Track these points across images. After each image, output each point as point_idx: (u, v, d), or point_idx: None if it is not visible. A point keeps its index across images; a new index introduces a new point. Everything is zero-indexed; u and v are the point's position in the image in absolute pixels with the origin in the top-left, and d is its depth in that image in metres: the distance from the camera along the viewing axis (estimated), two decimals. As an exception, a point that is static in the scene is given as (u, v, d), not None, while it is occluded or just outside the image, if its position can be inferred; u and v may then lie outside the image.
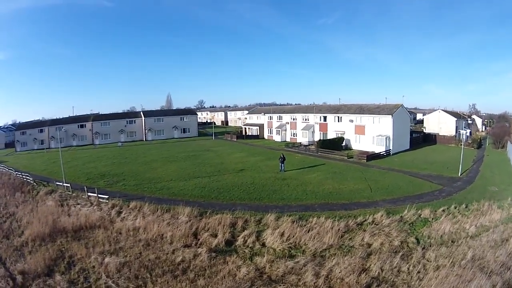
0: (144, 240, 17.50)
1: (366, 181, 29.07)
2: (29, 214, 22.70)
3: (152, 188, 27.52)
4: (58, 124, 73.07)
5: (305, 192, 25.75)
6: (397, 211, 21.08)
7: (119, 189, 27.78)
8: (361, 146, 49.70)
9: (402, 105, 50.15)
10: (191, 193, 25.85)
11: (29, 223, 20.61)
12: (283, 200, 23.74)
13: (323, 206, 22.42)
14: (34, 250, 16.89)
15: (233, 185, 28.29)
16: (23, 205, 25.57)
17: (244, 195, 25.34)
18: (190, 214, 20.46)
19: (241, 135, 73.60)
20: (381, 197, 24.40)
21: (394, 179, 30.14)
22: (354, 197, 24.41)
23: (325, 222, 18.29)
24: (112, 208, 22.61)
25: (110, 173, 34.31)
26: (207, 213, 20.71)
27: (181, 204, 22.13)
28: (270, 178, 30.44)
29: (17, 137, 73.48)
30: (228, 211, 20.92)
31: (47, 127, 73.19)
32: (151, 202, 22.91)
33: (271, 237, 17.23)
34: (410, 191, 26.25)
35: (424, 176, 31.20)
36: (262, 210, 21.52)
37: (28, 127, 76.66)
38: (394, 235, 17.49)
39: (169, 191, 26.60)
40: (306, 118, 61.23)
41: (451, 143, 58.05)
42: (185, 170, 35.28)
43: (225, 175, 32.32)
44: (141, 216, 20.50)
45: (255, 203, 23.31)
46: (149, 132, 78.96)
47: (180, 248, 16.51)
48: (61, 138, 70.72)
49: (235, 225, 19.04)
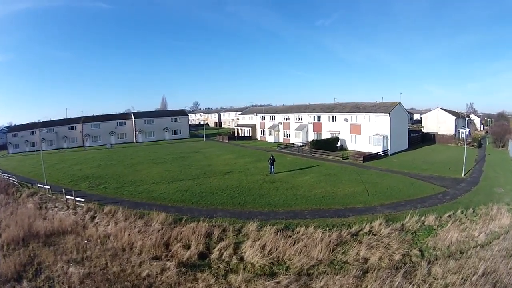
0: (112, 249, 15.88)
1: (362, 184, 26.67)
2: (8, 217, 21.63)
3: (132, 191, 25.97)
4: (49, 126, 73.18)
5: (294, 196, 23.25)
6: (397, 218, 18.72)
7: (99, 192, 26.46)
8: (357, 146, 47.40)
9: (399, 103, 47.93)
10: (171, 197, 24.03)
11: (7, 226, 19.53)
12: (270, 206, 21.25)
13: (313, 212, 19.92)
14: (8, 254, 15.85)
15: (217, 188, 25.94)
16: (5, 207, 24.43)
17: (227, 199, 22.88)
18: (164, 221, 18.50)
19: (233, 136, 71.59)
20: (379, 202, 21.95)
21: (393, 181, 27.85)
22: (349, 202, 21.94)
23: (314, 233, 15.73)
24: (87, 212, 21.25)
25: (93, 176, 32.95)
26: (183, 220, 18.55)
27: (158, 209, 20.42)
28: (258, 181, 28.00)
29: (9, 139, 72.58)
30: (207, 218, 18.83)
31: (38, 129, 71.67)
32: (128, 206, 21.34)
33: (251, 250, 14.68)
34: (411, 194, 23.99)
35: (426, 178, 29.26)
36: (244, 217, 19.12)
37: (20, 129, 75.57)
38: (394, 247, 15.04)
39: (148, 194, 24.94)
40: (299, 118, 58.93)
41: (451, 142, 56.56)
42: (169, 172, 33.64)
43: (210, 178, 30.00)
44: (114, 222, 18.90)
45: (238, 209, 20.86)
46: (139, 134, 77.25)
47: (148, 261, 14.59)
48: (52, 140, 72.12)
49: (211, 235, 16.58)
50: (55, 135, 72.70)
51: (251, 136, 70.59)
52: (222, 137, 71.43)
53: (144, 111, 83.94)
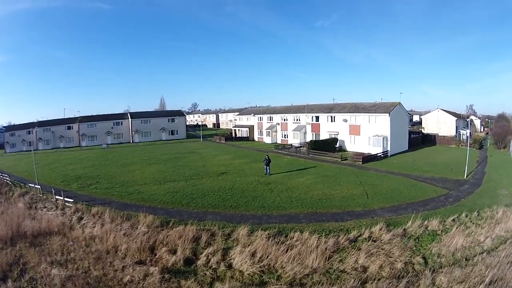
0: (96, 252, 15.12)
1: (361, 186, 25.53)
2: None
3: (123, 192, 25.12)
4: (45, 126, 72.37)
5: (290, 199, 22.09)
6: (399, 222, 17.59)
7: (89, 192, 25.71)
8: (356, 147, 46.32)
9: (399, 103, 46.89)
10: (161, 198, 23.04)
11: (-3, 225, 19.03)
12: (263, 209, 20.06)
13: (309, 216, 18.72)
14: (-4, 254, 15.30)
15: (209, 190, 24.81)
16: (-2, 206, 23.87)
17: (219, 202, 21.73)
18: (151, 224, 17.52)
19: (230, 137, 70.64)
20: (379, 205, 20.80)
21: (394, 183, 26.73)
22: (348, 205, 20.77)
23: (309, 239, 14.53)
24: (75, 213, 20.55)
25: (86, 176, 32.21)
26: (170, 224, 17.52)
27: (146, 211, 19.53)
28: (253, 183, 26.85)
29: (6, 138, 72.03)
30: (196, 221, 17.84)
31: (35, 128, 71.39)
32: (117, 207, 20.70)
33: (240, 256, 13.49)
34: (413, 196, 22.88)
35: (427, 179, 28.23)
36: (236, 220, 18.01)
37: (17, 128, 75.15)
38: (396, 255, 13.87)
39: (139, 195, 23.99)
40: (297, 119, 57.89)
41: (452, 143, 56.09)
42: (162, 173, 32.66)
43: (203, 179, 28.89)
44: (100, 224, 18.11)
45: (229, 212, 19.70)
46: (136, 134, 76.56)
47: (132, 265, 13.66)
48: (49, 140, 71.80)
49: (199, 240, 15.41)
50: (52, 135, 72.18)
51: (248, 137, 69.63)
52: (219, 138, 70.45)
53: (141, 111, 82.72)
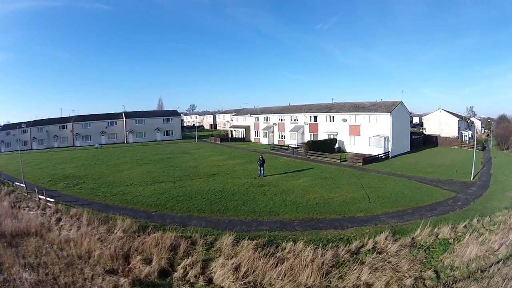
0: (69, 256, 13.83)
1: (363, 189, 23.56)
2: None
3: (107, 193, 23.76)
4: (40, 125, 71.36)
5: (284, 203, 20.04)
6: (405, 230, 15.69)
7: (74, 192, 24.54)
8: (356, 148, 44.36)
9: (401, 102, 45.06)
10: (145, 200, 21.33)
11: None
12: (253, 214, 18.02)
13: (305, 223, 16.68)
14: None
15: (197, 192, 22.87)
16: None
17: (206, 205, 19.73)
18: (129, 228, 15.85)
19: (226, 138, 68.67)
20: (383, 210, 18.82)
21: (398, 186, 24.82)
22: (348, 209, 18.76)
23: (303, 251, 12.48)
24: (54, 214, 19.56)
25: (74, 175, 31.07)
26: (149, 228, 15.67)
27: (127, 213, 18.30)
28: (245, 185, 24.84)
29: (1, 137, 70.75)
30: (178, 226, 16.14)
31: (29, 127, 69.65)
32: (98, 209, 19.68)
33: (222, 270, 11.47)
34: (419, 200, 20.98)
35: (432, 182, 26.46)
36: (222, 227, 16.05)
37: (12, 127, 73.16)
38: (404, 269, 11.91)
39: (122, 197, 22.41)
40: (295, 119, 55.99)
41: (454, 145, 54.76)
42: (151, 173, 30.89)
43: (193, 180, 26.96)
44: (77, 227, 16.78)
45: (216, 217, 17.70)
46: (130, 134, 74.73)
47: (102, 274, 12.01)
48: (43, 139, 70.85)
49: (177, 249, 13.47)
50: (46, 134, 70.92)
51: (244, 138, 67.74)
52: (214, 139, 68.51)
53: (136, 111, 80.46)
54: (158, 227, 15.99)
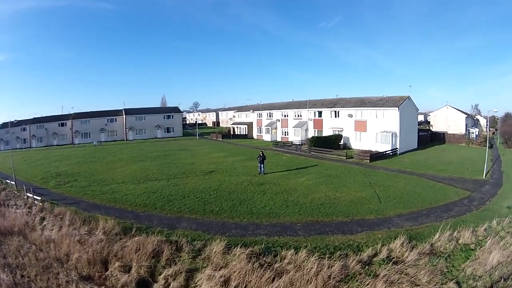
0: (48, 259, 12.84)
1: (371, 187, 21.68)
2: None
3: (97, 191, 22.50)
4: (39, 123, 70.16)
5: (285, 203, 18.19)
6: (422, 235, 13.89)
7: (63, 190, 23.37)
8: (362, 144, 42.34)
9: (409, 97, 42.93)
10: (134, 200, 19.82)
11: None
12: (251, 216, 16.19)
13: (308, 226, 14.82)
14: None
15: (191, 191, 21.18)
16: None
17: (199, 205, 17.98)
18: (111, 230, 14.44)
19: (228, 135, 66.78)
20: (395, 211, 16.94)
21: (409, 184, 22.96)
22: (357, 211, 16.88)
23: (306, 261, 10.60)
24: (40, 212, 18.71)
25: (66, 173, 30.02)
26: (132, 231, 14.10)
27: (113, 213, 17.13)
28: (243, 183, 23.05)
29: (1, 135, 69.90)
30: (165, 228, 14.61)
31: (29, 125, 68.84)
32: (85, 208, 18.55)
33: (208, 283, 9.75)
34: (433, 200, 19.15)
35: (445, 180, 24.69)
36: (214, 230, 14.34)
37: (12, 125, 71.41)
38: (424, 281, 10.22)
39: (112, 195, 21.02)
40: (298, 115, 54.05)
41: (462, 142, 52.77)
42: (145, 171, 29.39)
43: (188, 178, 25.28)
44: (58, 227, 15.80)
45: (208, 219, 15.94)
46: (130, 131, 73.11)
47: (76, 281, 10.93)
48: (42, 137, 69.79)
49: (160, 255, 11.77)
50: (45, 132, 69.86)
51: (247, 135, 65.87)
52: (215, 136, 66.81)
53: (136, 108, 78.80)
54: (143, 230, 14.42)
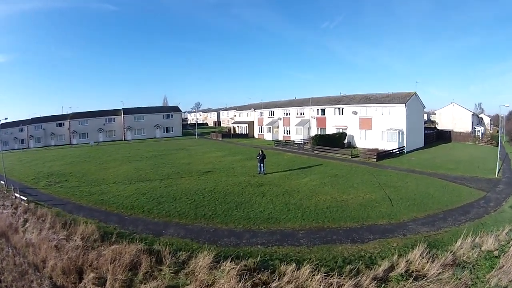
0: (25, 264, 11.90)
1: (381, 188, 19.92)
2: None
3: (85, 192, 21.19)
4: (37, 123, 69.08)
5: (286, 206, 16.41)
6: (441, 242, 12.21)
7: (52, 191, 22.21)
8: (367, 143, 40.54)
9: (415, 93, 41.14)
10: (122, 201, 18.34)
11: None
12: (247, 221, 14.43)
13: (313, 234, 13.02)
14: None
15: (184, 192, 19.52)
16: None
17: (190, 209, 16.29)
18: (90, 235, 12.99)
19: (228, 134, 65.03)
20: (409, 215, 15.17)
21: (421, 184, 21.22)
22: (367, 215, 15.10)
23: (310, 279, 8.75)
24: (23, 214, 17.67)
25: (58, 173, 28.89)
26: (112, 237, 12.59)
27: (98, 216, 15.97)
28: (241, 184, 21.34)
29: None
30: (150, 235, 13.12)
31: (26, 125, 67.97)
32: (70, 210, 17.36)
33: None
34: (448, 201, 17.48)
35: (457, 179, 23.11)
36: (204, 238, 12.65)
37: (10, 125, 70.67)
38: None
39: (99, 197, 19.65)
40: (301, 113, 52.31)
41: (468, 140, 51.41)
42: (139, 171, 27.92)
43: (182, 179, 23.65)
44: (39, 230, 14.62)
45: (199, 225, 14.21)
46: (128, 131, 71.74)
47: None
48: (40, 137, 68.54)
49: (138, 268, 10.13)
50: (43, 132, 68.59)
51: (248, 134, 64.19)
52: (215, 135, 65.19)
53: (135, 107, 77.32)
54: (125, 236, 12.84)
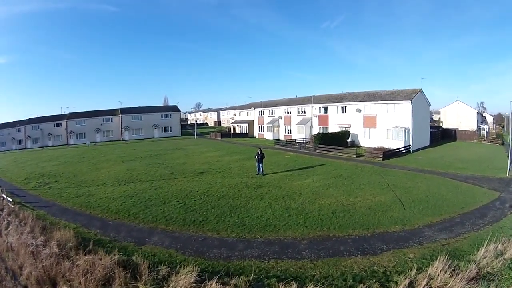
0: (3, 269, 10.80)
1: (391, 190, 18.29)
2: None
3: (72, 193, 19.98)
4: (34, 123, 68.83)
5: (287, 211, 14.73)
6: (462, 250, 10.67)
7: (40, 192, 21.09)
8: (371, 141, 38.98)
9: (421, 90, 39.60)
10: (108, 204, 16.94)
11: None
12: (241, 229, 12.75)
13: (317, 244, 11.31)
14: None
15: (174, 195, 17.98)
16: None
17: (179, 214, 14.70)
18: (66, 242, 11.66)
19: (227, 134, 63.64)
20: (424, 220, 13.56)
21: (432, 185, 19.65)
22: (378, 221, 13.44)
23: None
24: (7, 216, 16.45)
25: (50, 173, 27.82)
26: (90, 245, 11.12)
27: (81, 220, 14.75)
28: (237, 185, 19.73)
29: None
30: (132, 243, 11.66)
31: (24, 126, 67.50)
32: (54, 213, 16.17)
33: None
34: (463, 203, 15.97)
35: (468, 179, 21.68)
36: (191, 249, 11.01)
37: (8, 126, 70.83)
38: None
39: (86, 199, 18.34)
40: (302, 111, 50.81)
41: (474, 139, 50.11)
42: (131, 171, 26.48)
43: (175, 180, 22.11)
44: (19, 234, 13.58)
45: (187, 232, 12.56)
46: (126, 131, 70.69)
47: None
48: (37, 137, 68.05)
49: (111, 282, 8.61)
50: (40, 133, 68.13)
51: (248, 133, 62.81)
52: (214, 135, 63.79)
53: (132, 107, 76.06)
54: (105, 244, 11.42)
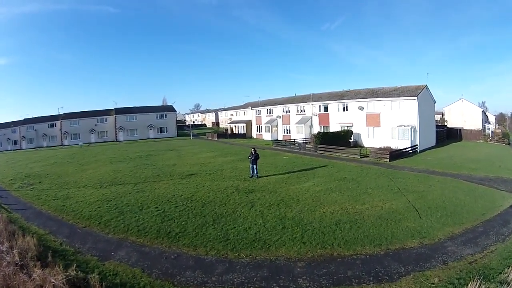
0: None
1: (402, 194, 16.02)
2: None
3: (51, 195, 18.52)
4: (29, 124, 68.66)
5: (281, 222, 12.31)
6: (491, 268, 8.61)
7: (21, 194, 19.89)
8: (375, 141, 36.80)
9: (426, 86, 37.47)
10: (83, 209, 15.24)
11: None
12: (225, 244, 10.36)
13: (317, 267, 8.91)
14: None
15: (155, 200, 15.88)
16: None
17: (155, 223, 12.51)
18: (27, 252, 10.18)
19: (224, 134, 61.79)
20: (444, 230, 11.32)
21: (446, 188, 17.45)
22: (391, 234, 11.07)
23: None
24: None
25: (36, 174, 26.74)
26: (48, 257, 9.44)
27: (51, 226, 13.22)
28: (227, 189, 17.47)
29: None
30: (96, 257, 9.90)
31: (19, 126, 67.70)
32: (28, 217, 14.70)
33: None
34: (483, 209, 13.87)
35: (483, 180, 19.68)
36: (160, 269, 8.84)
37: (2, 127, 70.67)
38: None
39: (62, 202, 16.74)
40: (302, 110, 48.72)
41: (479, 138, 48.24)
42: (116, 173, 24.74)
43: (160, 183, 20.02)
44: None
45: (159, 246, 10.36)
46: (120, 132, 69.41)
47: None
48: (32, 138, 67.57)
49: None
50: (35, 133, 67.73)
51: (245, 134, 60.80)
52: (211, 135, 61.91)
53: (127, 107, 74.33)
54: (66, 256, 9.70)
